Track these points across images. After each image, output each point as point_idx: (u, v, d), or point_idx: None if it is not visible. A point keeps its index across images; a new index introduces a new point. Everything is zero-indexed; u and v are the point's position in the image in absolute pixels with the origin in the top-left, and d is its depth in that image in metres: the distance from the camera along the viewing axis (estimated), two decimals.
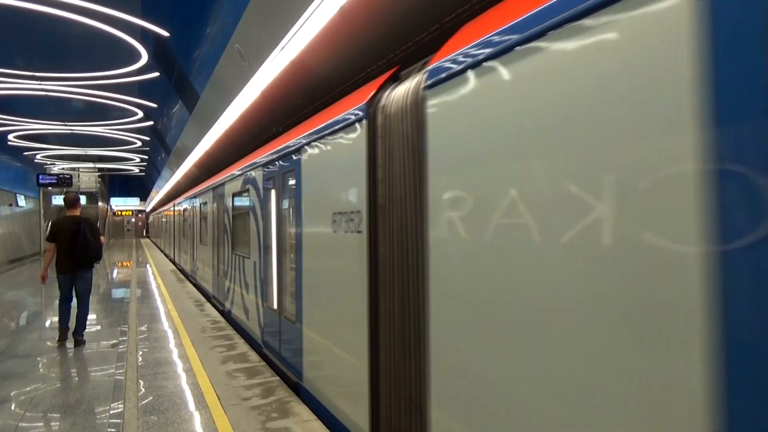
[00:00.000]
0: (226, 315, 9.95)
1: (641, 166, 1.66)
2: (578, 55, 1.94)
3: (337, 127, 4.34)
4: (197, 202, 14.83)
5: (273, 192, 6.52)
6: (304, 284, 5.17)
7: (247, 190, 7.90)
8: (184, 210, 18.59)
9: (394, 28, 5.09)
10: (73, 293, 7.77)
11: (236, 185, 8.88)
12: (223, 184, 10.43)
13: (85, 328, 7.87)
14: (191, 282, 15.59)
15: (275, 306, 6.42)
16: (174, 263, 22.40)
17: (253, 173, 7.57)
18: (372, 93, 3.86)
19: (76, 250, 7.51)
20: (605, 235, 1.82)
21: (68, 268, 7.62)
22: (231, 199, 9.40)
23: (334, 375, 4.53)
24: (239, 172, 8.60)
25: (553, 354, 2.06)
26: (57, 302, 7.91)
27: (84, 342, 7.80)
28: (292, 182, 5.66)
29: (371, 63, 5.69)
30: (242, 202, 8.62)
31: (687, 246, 1.51)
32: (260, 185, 7.09)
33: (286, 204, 6.01)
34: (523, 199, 2.24)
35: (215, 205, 11.41)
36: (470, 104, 2.65)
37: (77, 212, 8.08)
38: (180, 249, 20.50)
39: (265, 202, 6.86)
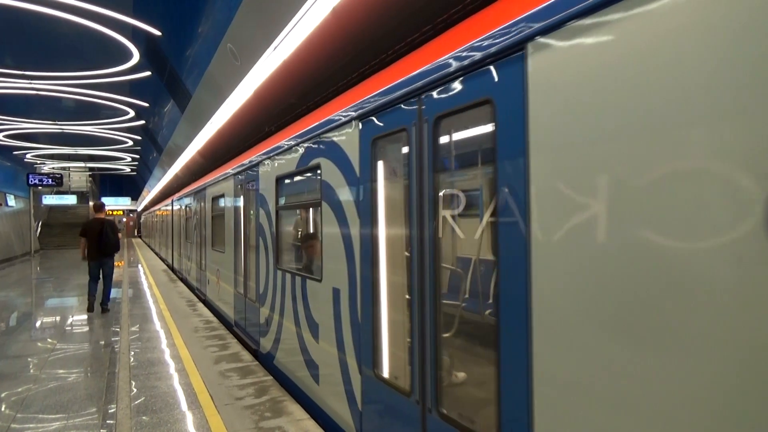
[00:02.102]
0: (265, 359, 6.72)
1: None
2: None
3: None
4: (205, 195, 11.64)
5: (393, 163, 3.66)
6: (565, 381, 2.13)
7: (314, 169, 4.88)
8: (186, 207, 15.39)
9: (387, 29, 5.11)
10: (101, 274, 10.50)
11: (287, 162, 5.75)
12: (255, 165, 7.22)
13: (109, 300, 10.60)
14: (200, 299, 12.24)
15: (406, 386, 3.29)
16: (173, 270, 19.26)
17: (331, 137, 4.45)
18: None
19: (100, 243, 10.12)
20: None
21: (95, 256, 10.25)
22: (274, 185, 6.21)
23: None
24: (305, 135, 5.10)
25: None
26: (49, 302, 8.56)
27: (108, 310, 10.47)
28: (481, 128, 2.89)
29: (364, 63, 5.71)
30: (298, 188, 6.01)
31: None
32: (351, 156, 4.03)
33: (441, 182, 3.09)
34: None
35: (237, 197, 8.46)
36: None
37: (102, 215, 10.65)
38: (181, 255, 17.00)
39: (364, 185, 3.82)
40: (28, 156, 31.37)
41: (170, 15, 10.72)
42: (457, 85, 2.79)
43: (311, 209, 5.38)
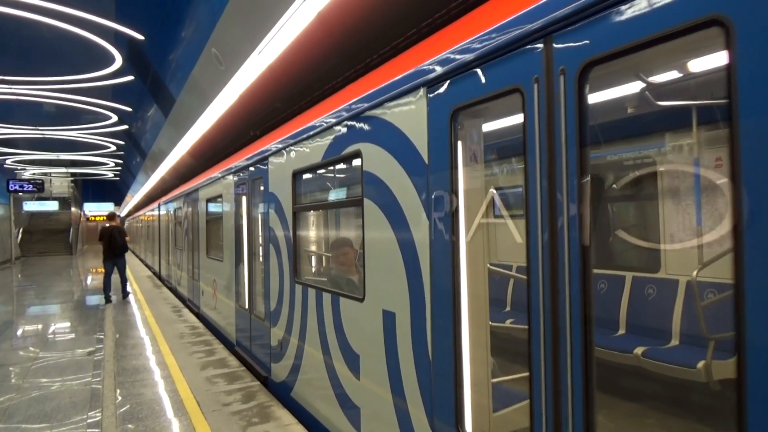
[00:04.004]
0: (278, 389, 5.65)
1: None
2: None
3: None
4: (198, 198, 10.62)
5: (488, 141, 3.16)
6: None
7: (351, 159, 4.05)
8: (174, 211, 14.52)
9: (372, 33, 5.14)
10: (114, 270, 12.63)
11: (309, 152, 4.61)
12: (262, 160, 6.09)
13: (126, 288, 13.03)
14: (193, 312, 11.14)
15: None
16: (161, 279, 18.26)
17: (378, 115, 3.45)
18: None
19: (111, 245, 12.50)
20: None
21: (108, 256, 12.55)
22: (290, 181, 5.03)
23: None
24: (336, 117, 4.08)
25: None
26: (30, 310, 10.77)
27: (128, 294, 13.13)
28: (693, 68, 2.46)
29: (349, 67, 5.73)
30: (326, 184, 5.12)
31: None
32: (414, 136, 3.05)
33: None
34: None
35: (238, 198, 7.36)
36: None
37: (114, 223, 13.07)
38: (169, 262, 16.09)
39: (437, 174, 2.84)
40: (8, 162, 30.84)
41: (153, 19, 10.65)
42: (634, 8, 1.80)
43: (346, 209, 4.56)
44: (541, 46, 2.13)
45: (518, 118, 2.22)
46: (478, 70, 2.49)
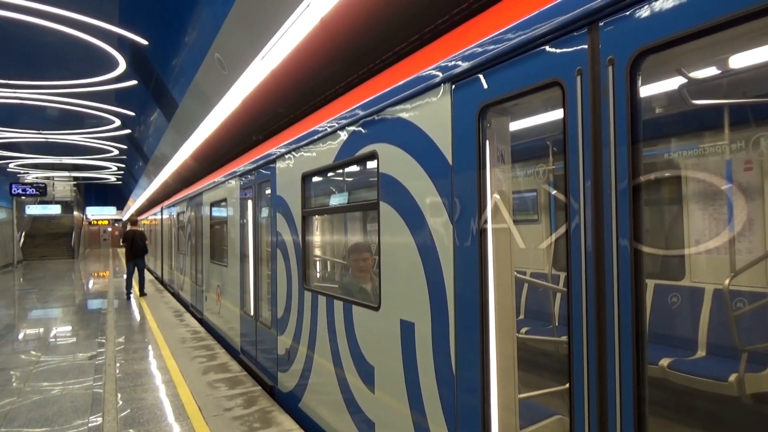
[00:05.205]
0: (286, 400, 5.43)
1: None
2: None
3: None
4: (201, 202, 10.29)
5: (522, 139, 3.01)
6: None
7: (365, 160, 3.84)
8: (177, 215, 14.44)
9: (374, 39, 5.15)
10: (135, 270, 14.26)
11: (320, 154, 4.48)
12: (270, 162, 5.91)
13: (144, 287, 14.62)
14: (196, 318, 10.91)
15: None
16: (163, 284, 18.28)
17: (396, 114, 3.26)
18: None
19: (132, 247, 13.99)
20: None
21: (131, 257, 14.10)
22: (300, 184, 4.93)
23: None
24: (349, 117, 3.95)
25: None
26: (33, 313, 11.37)
27: (146, 294, 14.48)
28: None
29: (351, 72, 5.75)
30: (338, 186, 4.87)
31: None
32: (436, 136, 2.88)
33: None
34: None
35: (244, 202, 7.14)
36: None
37: (136, 227, 14.51)
38: (172, 267, 15.93)
39: (463, 175, 2.68)
40: (11, 165, 30.95)
41: (156, 24, 10.70)
42: None
43: (359, 213, 4.36)
44: (585, 34, 1.96)
45: (554, 115, 1.94)
46: (512, 63, 2.32)
